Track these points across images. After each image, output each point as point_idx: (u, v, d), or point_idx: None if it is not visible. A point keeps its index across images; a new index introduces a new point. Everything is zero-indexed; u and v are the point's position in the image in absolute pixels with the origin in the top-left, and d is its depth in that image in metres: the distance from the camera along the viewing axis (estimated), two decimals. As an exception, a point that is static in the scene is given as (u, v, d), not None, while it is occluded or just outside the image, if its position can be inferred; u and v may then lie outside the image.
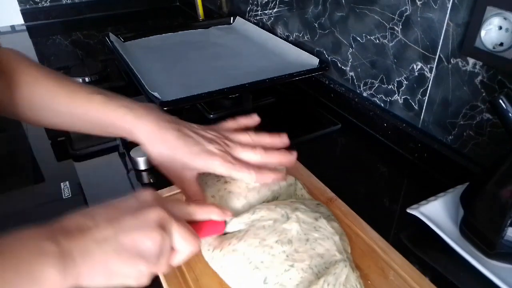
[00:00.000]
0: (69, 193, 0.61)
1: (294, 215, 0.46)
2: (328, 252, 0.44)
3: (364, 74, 0.78)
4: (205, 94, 0.73)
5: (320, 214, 0.48)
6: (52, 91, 0.47)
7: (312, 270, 0.42)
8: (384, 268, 0.47)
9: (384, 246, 0.49)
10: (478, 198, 0.48)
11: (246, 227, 0.46)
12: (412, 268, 0.46)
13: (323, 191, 0.58)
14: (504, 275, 0.45)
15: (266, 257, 0.43)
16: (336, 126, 0.79)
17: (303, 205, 0.49)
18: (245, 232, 0.45)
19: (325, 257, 0.43)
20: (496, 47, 0.52)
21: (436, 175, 0.65)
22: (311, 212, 0.48)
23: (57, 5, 1.44)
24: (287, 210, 0.47)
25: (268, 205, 0.48)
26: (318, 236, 0.45)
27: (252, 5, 1.12)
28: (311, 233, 0.45)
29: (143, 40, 1.06)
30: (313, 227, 0.46)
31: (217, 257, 0.45)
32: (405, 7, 0.65)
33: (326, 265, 0.43)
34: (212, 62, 0.93)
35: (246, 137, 0.50)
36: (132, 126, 0.45)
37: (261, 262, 0.42)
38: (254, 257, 0.43)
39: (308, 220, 0.46)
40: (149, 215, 0.35)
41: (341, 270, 0.41)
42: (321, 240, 0.44)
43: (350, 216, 0.53)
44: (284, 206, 0.48)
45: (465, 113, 0.60)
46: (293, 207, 0.48)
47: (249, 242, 0.44)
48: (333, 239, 0.45)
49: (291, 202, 0.50)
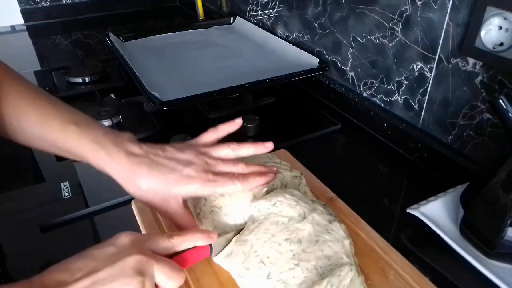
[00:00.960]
0: (69, 193, 0.61)
1: (311, 216, 0.46)
2: (335, 254, 0.44)
3: (364, 74, 0.78)
4: (205, 94, 0.73)
5: (334, 217, 0.48)
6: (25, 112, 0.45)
7: (317, 270, 0.42)
8: (384, 268, 0.47)
9: (385, 246, 0.49)
10: (478, 198, 0.48)
11: (259, 215, 0.46)
12: (413, 268, 0.46)
13: (324, 191, 0.58)
14: (504, 275, 0.45)
15: (273, 253, 0.43)
16: (336, 126, 0.79)
17: (321, 207, 0.49)
18: (257, 225, 0.45)
19: (332, 259, 0.43)
20: (496, 47, 0.52)
21: (436, 175, 0.65)
22: (326, 214, 0.48)
23: (57, 5, 1.44)
24: (306, 210, 0.47)
25: (290, 201, 0.47)
26: (328, 239, 0.45)
27: (252, 5, 1.12)
28: (322, 235, 0.45)
29: (143, 40, 1.06)
30: (326, 230, 0.46)
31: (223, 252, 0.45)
32: (405, 7, 0.65)
33: (332, 267, 0.42)
34: (212, 62, 0.93)
35: (226, 150, 0.48)
36: (104, 164, 0.44)
37: (267, 257, 0.43)
38: (261, 251, 0.43)
39: (323, 222, 0.46)
40: (126, 262, 0.34)
41: (346, 273, 0.41)
42: (330, 243, 0.44)
43: (350, 216, 0.53)
44: (305, 205, 0.47)
45: (465, 113, 0.60)
46: (312, 207, 0.47)
47: (258, 236, 0.44)
48: (343, 243, 0.45)
49: (312, 201, 0.49)
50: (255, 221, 0.47)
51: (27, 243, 0.54)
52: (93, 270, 0.33)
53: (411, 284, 0.45)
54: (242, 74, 0.85)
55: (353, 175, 0.67)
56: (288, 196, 0.48)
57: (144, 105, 0.81)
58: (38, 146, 0.47)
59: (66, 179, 0.64)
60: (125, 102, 0.83)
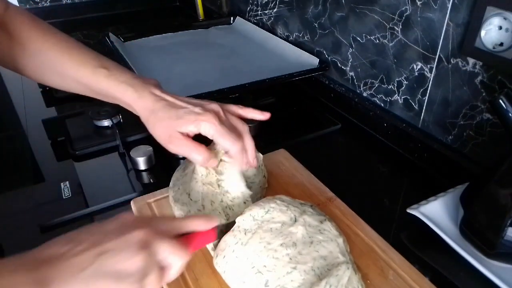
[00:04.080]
0: (69, 193, 0.61)
1: (302, 218, 0.46)
2: (331, 254, 0.44)
3: (364, 74, 0.78)
4: (205, 94, 0.73)
5: (324, 217, 0.48)
6: (61, 60, 0.51)
7: (314, 272, 0.42)
8: (383, 267, 0.47)
9: (384, 246, 0.49)
10: (478, 198, 0.48)
11: (255, 226, 0.46)
12: (411, 268, 0.46)
13: (323, 191, 0.58)
14: (504, 275, 0.45)
15: (269, 260, 0.43)
16: (336, 126, 0.79)
17: (310, 208, 0.49)
18: (251, 236, 0.45)
19: (328, 259, 0.43)
20: (496, 47, 0.52)
21: (436, 175, 0.65)
22: (317, 215, 0.48)
23: (57, 5, 1.44)
24: (296, 214, 0.47)
25: (281, 206, 0.48)
26: (322, 239, 0.45)
27: (252, 5, 1.12)
28: (316, 236, 0.45)
29: (143, 40, 1.06)
30: (318, 230, 0.46)
31: (220, 263, 0.45)
32: (405, 7, 0.65)
33: (329, 267, 0.42)
34: (212, 62, 0.93)
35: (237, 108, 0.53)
36: (131, 101, 0.49)
37: (264, 266, 0.42)
38: (257, 262, 0.43)
39: (314, 223, 0.46)
40: (132, 236, 0.34)
41: (344, 272, 0.41)
42: (325, 243, 0.45)
43: (349, 216, 0.53)
44: (295, 208, 0.48)
45: (465, 113, 0.60)
46: (302, 210, 0.48)
47: (254, 247, 0.44)
48: (337, 241, 0.45)
49: (301, 204, 0.50)
50: (247, 231, 0.46)
51: (27, 243, 0.54)
52: (96, 243, 0.33)
53: (410, 284, 0.45)
54: (242, 74, 0.85)
55: (353, 175, 0.67)
56: (279, 201, 0.48)
57: (144, 105, 0.81)
58: (70, 89, 0.54)
59: (66, 179, 0.64)
60: (125, 102, 0.83)
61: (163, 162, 0.68)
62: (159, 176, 0.65)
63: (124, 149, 0.70)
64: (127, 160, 0.68)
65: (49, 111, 0.86)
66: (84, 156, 0.70)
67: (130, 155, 0.65)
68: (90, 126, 0.76)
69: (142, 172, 0.66)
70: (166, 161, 0.68)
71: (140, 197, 0.57)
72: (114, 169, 0.68)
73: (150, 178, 0.65)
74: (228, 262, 0.44)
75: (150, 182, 0.64)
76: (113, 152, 0.71)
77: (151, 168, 0.66)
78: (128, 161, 0.68)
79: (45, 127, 0.74)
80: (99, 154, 0.70)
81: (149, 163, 0.66)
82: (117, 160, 0.69)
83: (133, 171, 0.66)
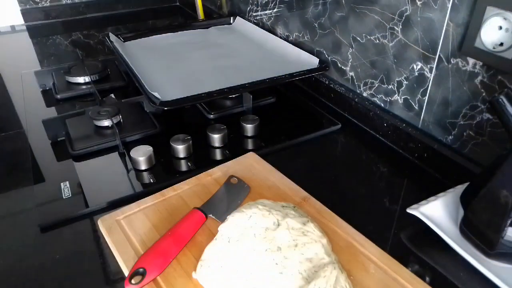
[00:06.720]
0: (69, 193, 0.61)
1: (285, 221, 0.46)
2: (316, 256, 0.44)
3: (364, 74, 0.78)
4: (205, 94, 0.73)
5: (307, 219, 0.48)
6: None
7: (301, 275, 0.42)
8: (364, 262, 0.47)
9: (362, 240, 0.49)
10: (478, 198, 0.48)
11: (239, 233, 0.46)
12: (391, 259, 0.47)
13: (297, 191, 0.58)
14: (504, 275, 0.45)
15: (255, 267, 0.43)
16: (336, 126, 0.79)
17: (292, 210, 0.49)
18: (235, 243, 0.45)
19: (314, 261, 0.43)
20: (496, 47, 0.52)
21: (436, 175, 0.65)
22: (299, 216, 0.48)
23: (57, 5, 1.44)
24: (279, 217, 0.47)
25: (263, 211, 0.48)
26: (306, 241, 0.45)
27: (252, 5, 1.12)
28: (300, 238, 0.45)
29: (143, 40, 1.06)
30: (302, 232, 0.46)
31: (205, 273, 0.44)
32: (405, 7, 0.65)
33: (315, 269, 0.43)
34: (212, 62, 0.93)
35: None
36: None
37: (251, 273, 0.42)
38: (243, 270, 0.43)
39: (297, 225, 0.47)
40: None
41: (331, 272, 0.42)
42: (309, 245, 0.45)
43: (325, 213, 0.54)
44: (277, 212, 0.48)
45: (465, 113, 0.60)
46: (284, 213, 0.48)
47: (238, 255, 0.44)
48: (321, 242, 0.45)
49: (282, 207, 0.50)
50: (231, 239, 0.46)
51: (27, 243, 0.54)
52: None
53: (391, 275, 0.45)
54: (242, 74, 0.85)
55: (353, 175, 0.67)
56: (260, 206, 0.49)
57: (144, 105, 0.81)
58: None
59: (66, 179, 0.64)
60: (125, 102, 0.83)
61: (163, 162, 0.68)
62: (159, 176, 0.65)
63: (124, 149, 0.70)
64: (127, 160, 0.68)
65: (49, 111, 0.86)
66: (84, 156, 0.70)
67: (130, 155, 0.65)
68: (90, 126, 0.75)
69: (142, 172, 0.66)
70: (166, 161, 0.68)
71: (107, 215, 0.54)
72: (114, 169, 0.68)
73: (150, 178, 0.65)
74: (213, 272, 0.44)
75: (150, 182, 0.64)
76: (113, 152, 0.71)
77: (151, 168, 0.66)
78: (128, 161, 0.68)
79: (45, 127, 0.74)
80: (99, 154, 0.70)
81: (149, 163, 0.66)
82: (117, 160, 0.69)
83: (133, 171, 0.66)
